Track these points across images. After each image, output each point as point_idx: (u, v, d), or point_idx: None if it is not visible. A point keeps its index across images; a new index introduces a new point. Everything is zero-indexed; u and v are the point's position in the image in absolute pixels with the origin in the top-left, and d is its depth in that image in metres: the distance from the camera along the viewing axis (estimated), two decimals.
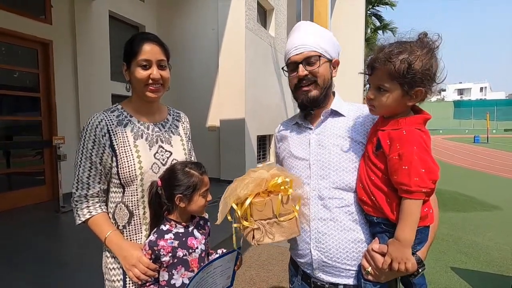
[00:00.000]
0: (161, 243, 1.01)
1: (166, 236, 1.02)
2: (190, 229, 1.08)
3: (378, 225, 0.90)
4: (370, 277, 0.88)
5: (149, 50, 1.06)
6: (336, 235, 0.96)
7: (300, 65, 1.03)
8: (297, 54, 1.03)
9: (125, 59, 1.10)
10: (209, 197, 1.08)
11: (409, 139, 0.81)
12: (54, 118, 5.22)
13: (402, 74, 0.80)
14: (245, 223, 0.95)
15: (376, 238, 0.90)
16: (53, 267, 2.86)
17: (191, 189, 1.02)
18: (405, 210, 0.81)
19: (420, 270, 0.85)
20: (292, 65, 1.07)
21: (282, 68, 1.13)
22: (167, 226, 1.05)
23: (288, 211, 0.96)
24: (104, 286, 1.14)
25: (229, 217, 0.98)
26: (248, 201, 0.94)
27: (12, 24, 4.59)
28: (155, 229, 1.06)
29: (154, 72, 1.06)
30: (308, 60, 1.03)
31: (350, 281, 0.96)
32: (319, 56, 1.03)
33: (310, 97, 1.04)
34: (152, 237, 1.02)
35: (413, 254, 0.84)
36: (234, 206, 0.95)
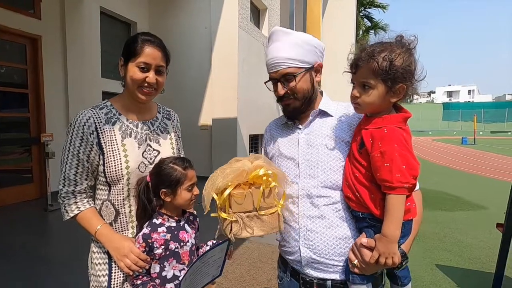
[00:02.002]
0: (155, 235, 1.03)
1: (159, 229, 1.05)
2: (182, 223, 1.11)
3: (364, 220, 0.92)
4: (356, 270, 0.91)
5: (150, 54, 1.05)
6: (324, 232, 0.99)
7: (279, 84, 1.05)
8: (274, 72, 1.04)
9: (124, 54, 1.09)
10: (196, 191, 1.09)
11: (390, 137, 0.84)
12: (42, 115, 5.13)
13: (385, 71, 0.83)
14: (223, 215, 0.94)
15: (363, 233, 0.93)
16: (41, 265, 2.83)
17: (174, 183, 1.04)
18: (390, 206, 0.84)
19: (404, 263, 0.89)
20: (272, 80, 1.09)
21: (265, 83, 1.13)
22: (160, 220, 1.07)
23: (270, 205, 0.95)
24: (89, 281, 1.14)
25: (207, 207, 0.96)
26: (227, 192, 0.92)
27: (0, 19, 4.49)
28: (148, 223, 1.07)
29: (151, 76, 1.06)
30: (285, 77, 1.03)
31: (338, 276, 0.98)
32: (295, 74, 1.02)
33: (291, 109, 1.07)
34: (145, 230, 1.04)
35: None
36: (215, 196, 0.94)
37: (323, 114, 1.09)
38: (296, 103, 1.06)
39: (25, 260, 2.94)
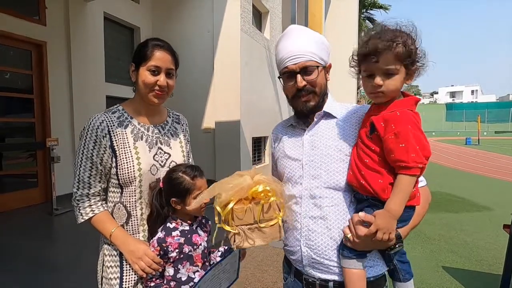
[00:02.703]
0: (169, 239, 1.06)
1: (173, 233, 1.08)
2: (194, 227, 1.14)
3: (366, 201, 0.94)
4: (349, 244, 0.92)
5: (161, 58, 1.09)
6: (326, 233, 0.99)
7: (298, 75, 1.03)
8: (294, 64, 1.03)
9: (135, 60, 1.12)
10: (206, 199, 1.10)
11: (403, 119, 0.86)
12: (47, 120, 5.18)
13: (407, 55, 0.86)
14: (226, 228, 0.99)
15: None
16: (47, 270, 2.84)
17: (183, 193, 1.08)
18: (400, 185, 0.85)
19: (397, 245, 0.91)
20: (288, 74, 1.06)
21: (279, 77, 1.12)
22: (174, 224, 1.10)
23: (270, 218, 0.99)
24: (99, 284, 1.15)
25: (216, 218, 1.00)
26: (229, 207, 0.97)
27: (6, 25, 4.56)
28: (162, 227, 1.10)
29: (162, 79, 1.10)
30: (305, 70, 1.02)
31: (339, 278, 0.98)
32: (317, 66, 1.03)
33: (309, 106, 1.06)
34: (160, 234, 1.07)
35: None
36: (219, 210, 0.98)
37: (328, 115, 1.10)
38: (316, 99, 1.06)
39: (30, 264, 2.95)
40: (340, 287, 0.98)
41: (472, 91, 69.74)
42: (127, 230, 1.11)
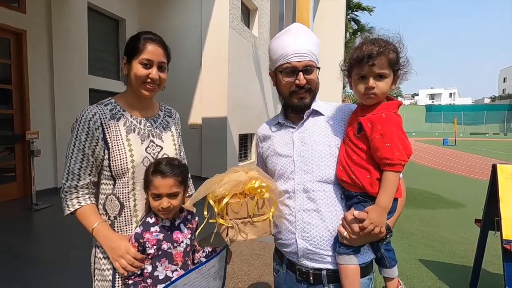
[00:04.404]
0: (147, 235, 1.03)
1: (152, 229, 1.05)
2: (177, 223, 1.10)
3: (355, 197, 1.01)
4: (345, 241, 0.99)
5: (153, 51, 1.09)
6: (320, 225, 1.05)
7: (301, 73, 1.07)
8: (299, 61, 1.06)
9: (126, 53, 1.12)
10: (164, 204, 1.02)
11: (388, 121, 0.95)
12: (27, 112, 4.99)
13: (397, 61, 0.97)
14: (221, 221, 1.02)
15: (352, 208, 1.01)
16: (27, 266, 2.77)
17: (145, 184, 1.07)
18: (387, 181, 0.94)
19: (388, 235, 0.99)
20: (290, 69, 1.08)
21: (274, 71, 1.14)
22: (153, 219, 1.07)
23: (262, 213, 1.03)
24: (93, 276, 1.15)
25: (205, 213, 1.02)
26: (225, 201, 0.99)
27: None
28: (141, 221, 1.09)
29: (154, 72, 1.10)
30: (307, 69, 1.07)
31: (332, 266, 1.05)
32: (316, 67, 1.09)
33: (305, 103, 1.12)
34: (138, 230, 1.05)
35: None
36: (212, 203, 1.01)
37: (315, 113, 1.15)
38: (310, 97, 1.12)
39: (10, 260, 2.87)
40: (333, 274, 1.05)
41: (450, 94, 72.58)
42: (119, 222, 1.11)
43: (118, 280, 1.09)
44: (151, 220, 1.07)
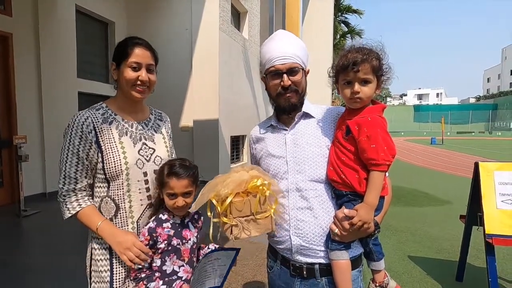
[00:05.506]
0: (159, 230, 1.10)
1: (164, 225, 1.12)
2: (186, 221, 1.18)
3: (345, 196, 1.07)
4: (337, 238, 1.05)
5: (140, 54, 1.13)
6: (313, 221, 1.10)
7: (285, 75, 1.13)
8: (282, 64, 1.12)
9: (115, 59, 1.16)
10: (180, 202, 1.10)
11: (373, 124, 1.01)
12: (13, 116, 4.89)
13: (380, 68, 1.04)
14: (225, 220, 1.06)
15: (343, 207, 1.06)
16: (15, 274, 2.73)
17: (160, 184, 1.13)
18: (373, 180, 1.00)
19: (376, 231, 1.05)
20: (275, 72, 1.15)
21: (263, 77, 1.20)
22: (166, 216, 1.14)
23: (264, 210, 1.08)
24: (88, 278, 1.17)
25: (209, 213, 1.07)
26: (228, 200, 1.03)
27: None
28: (154, 217, 1.14)
29: (143, 74, 1.14)
30: (291, 71, 1.13)
31: (324, 261, 1.11)
32: (301, 68, 1.14)
33: (292, 103, 1.16)
34: (151, 224, 1.10)
35: None
36: (215, 203, 1.04)
37: (306, 116, 1.21)
38: (297, 97, 1.17)
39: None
40: (325, 268, 1.10)
41: (437, 94, 74.31)
42: (115, 224, 1.13)
43: (117, 281, 1.11)
44: (163, 216, 1.13)
